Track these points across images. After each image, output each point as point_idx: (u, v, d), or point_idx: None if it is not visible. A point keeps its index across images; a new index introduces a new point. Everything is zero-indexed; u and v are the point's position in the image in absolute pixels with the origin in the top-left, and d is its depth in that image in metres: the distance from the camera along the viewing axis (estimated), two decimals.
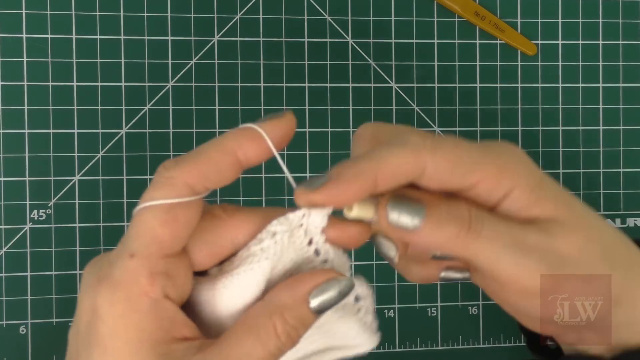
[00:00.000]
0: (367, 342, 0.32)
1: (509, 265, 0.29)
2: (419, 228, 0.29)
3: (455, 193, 0.31)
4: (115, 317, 0.26)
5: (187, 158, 0.28)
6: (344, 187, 0.28)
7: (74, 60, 0.50)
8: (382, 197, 0.30)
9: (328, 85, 0.52)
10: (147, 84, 0.50)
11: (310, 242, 0.30)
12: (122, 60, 0.50)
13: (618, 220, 0.55)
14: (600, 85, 0.55)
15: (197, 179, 0.28)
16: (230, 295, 0.29)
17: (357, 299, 0.32)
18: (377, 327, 0.32)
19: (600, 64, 0.55)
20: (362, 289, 0.32)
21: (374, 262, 0.52)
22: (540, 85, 0.54)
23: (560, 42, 0.54)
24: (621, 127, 0.55)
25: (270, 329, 0.28)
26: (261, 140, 0.28)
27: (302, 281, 0.29)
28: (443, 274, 0.34)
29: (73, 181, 0.50)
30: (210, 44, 0.51)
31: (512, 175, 0.30)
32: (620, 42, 0.55)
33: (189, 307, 0.29)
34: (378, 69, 0.53)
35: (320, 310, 0.29)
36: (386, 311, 0.53)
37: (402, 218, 0.29)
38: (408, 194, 0.30)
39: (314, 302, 0.29)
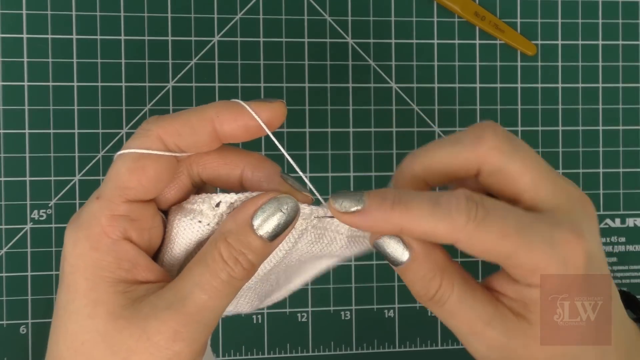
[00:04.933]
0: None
1: None
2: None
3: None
4: (76, 256, 0.28)
5: (167, 116, 0.29)
6: (377, 223, 0.29)
7: (75, 60, 0.50)
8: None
9: (328, 85, 0.52)
10: (147, 84, 0.50)
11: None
12: (123, 61, 0.50)
13: (618, 220, 0.55)
14: (600, 85, 0.55)
15: (170, 136, 0.29)
16: (179, 238, 0.30)
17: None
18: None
19: (600, 64, 0.55)
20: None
21: (374, 262, 0.52)
22: (540, 85, 0.54)
23: (560, 42, 0.54)
24: (621, 127, 0.55)
25: (216, 255, 0.28)
26: (241, 116, 0.29)
27: (244, 207, 0.29)
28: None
29: (73, 181, 0.50)
30: (210, 44, 0.51)
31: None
32: (620, 42, 0.55)
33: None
34: (378, 69, 0.53)
35: (272, 235, 0.29)
36: (386, 311, 0.53)
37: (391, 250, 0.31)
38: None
39: (257, 223, 0.28)
